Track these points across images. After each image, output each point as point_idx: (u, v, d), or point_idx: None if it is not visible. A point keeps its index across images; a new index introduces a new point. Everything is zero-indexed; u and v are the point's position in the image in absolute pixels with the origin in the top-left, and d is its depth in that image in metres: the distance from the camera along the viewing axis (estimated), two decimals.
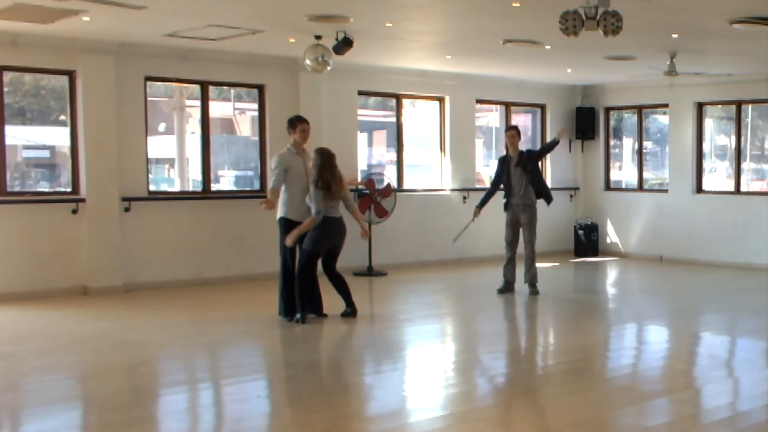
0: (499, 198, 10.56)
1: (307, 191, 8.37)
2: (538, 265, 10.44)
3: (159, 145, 12.51)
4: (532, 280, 10.29)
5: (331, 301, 9.07)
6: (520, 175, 10.22)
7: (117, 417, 5.46)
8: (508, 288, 10.40)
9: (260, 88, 11.71)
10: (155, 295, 10.18)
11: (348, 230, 8.63)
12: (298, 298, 8.37)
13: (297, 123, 8.56)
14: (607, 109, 14.99)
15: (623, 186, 15.21)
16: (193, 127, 12.33)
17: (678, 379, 6.71)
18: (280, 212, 8.46)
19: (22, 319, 8.80)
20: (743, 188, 13.54)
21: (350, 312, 8.65)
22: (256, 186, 11.87)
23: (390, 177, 12.77)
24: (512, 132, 10.42)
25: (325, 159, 8.28)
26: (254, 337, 8.15)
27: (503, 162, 10.46)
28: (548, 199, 10.44)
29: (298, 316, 8.36)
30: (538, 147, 14.70)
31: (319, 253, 8.43)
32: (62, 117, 10.61)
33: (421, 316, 9.34)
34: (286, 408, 5.79)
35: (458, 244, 13.47)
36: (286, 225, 8.38)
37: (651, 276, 12.82)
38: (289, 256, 8.47)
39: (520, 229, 10.32)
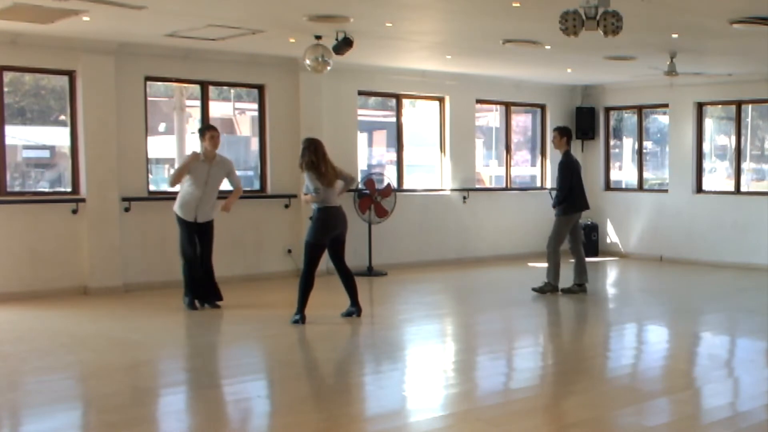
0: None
1: (201, 196, 8.98)
2: (537, 265, 10.49)
3: (159, 145, 12.48)
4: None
5: (332, 301, 9.07)
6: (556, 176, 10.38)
7: (117, 417, 5.45)
8: (573, 289, 10.41)
9: (260, 88, 11.72)
10: (155, 295, 10.18)
11: (350, 224, 8.66)
12: (300, 297, 8.33)
13: (206, 131, 9.10)
14: (607, 109, 14.99)
15: (623, 186, 15.21)
16: (193, 127, 12.31)
17: (678, 379, 6.71)
18: (174, 206, 9.08)
19: (21, 319, 8.80)
20: (743, 188, 13.54)
21: (354, 312, 8.62)
22: (256, 186, 11.87)
23: (390, 177, 12.77)
24: (553, 133, 10.58)
25: (308, 143, 8.43)
26: (254, 337, 8.14)
27: None
28: (556, 203, 10.42)
29: (297, 316, 8.34)
30: (538, 147, 14.80)
31: (321, 244, 8.37)
32: (62, 117, 10.61)
33: (421, 316, 9.34)
34: (286, 408, 5.79)
35: (458, 244, 13.51)
36: (178, 220, 9.07)
37: (651, 276, 12.82)
38: (188, 246, 9.03)
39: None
